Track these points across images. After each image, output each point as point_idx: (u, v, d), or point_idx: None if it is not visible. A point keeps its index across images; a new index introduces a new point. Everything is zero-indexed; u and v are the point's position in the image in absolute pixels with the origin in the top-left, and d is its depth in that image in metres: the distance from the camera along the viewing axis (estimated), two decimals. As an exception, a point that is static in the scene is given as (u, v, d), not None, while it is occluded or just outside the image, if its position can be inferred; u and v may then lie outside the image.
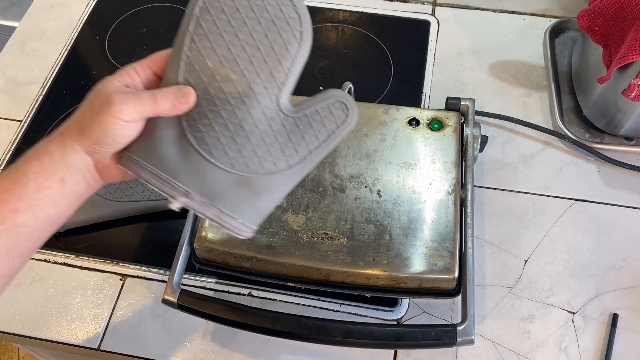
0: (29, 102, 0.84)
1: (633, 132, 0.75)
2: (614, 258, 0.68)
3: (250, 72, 0.46)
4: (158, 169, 0.46)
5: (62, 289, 0.67)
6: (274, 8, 0.45)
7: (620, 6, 0.66)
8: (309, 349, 0.63)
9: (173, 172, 0.46)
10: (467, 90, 0.82)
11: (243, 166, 0.46)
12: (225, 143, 0.46)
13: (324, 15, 0.92)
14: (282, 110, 0.47)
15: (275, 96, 0.46)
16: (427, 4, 0.92)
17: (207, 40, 0.46)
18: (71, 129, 0.45)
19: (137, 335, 0.64)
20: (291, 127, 0.47)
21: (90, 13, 0.94)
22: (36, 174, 0.44)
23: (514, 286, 0.66)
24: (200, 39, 0.46)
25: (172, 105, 0.45)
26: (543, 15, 0.90)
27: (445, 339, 0.55)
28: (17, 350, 1.58)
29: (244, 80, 0.46)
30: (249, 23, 0.46)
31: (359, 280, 0.58)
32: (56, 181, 0.44)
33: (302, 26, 0.46)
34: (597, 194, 0.72)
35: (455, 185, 0.62)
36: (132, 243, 0.71)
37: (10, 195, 0.43)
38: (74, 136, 0.45)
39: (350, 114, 0.47)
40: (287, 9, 0.45)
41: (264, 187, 0.47)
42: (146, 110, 0.44)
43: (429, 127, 0.66)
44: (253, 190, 0.47)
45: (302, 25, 0.46)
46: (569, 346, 0.62)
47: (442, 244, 0.58)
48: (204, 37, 0.46)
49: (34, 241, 0.45)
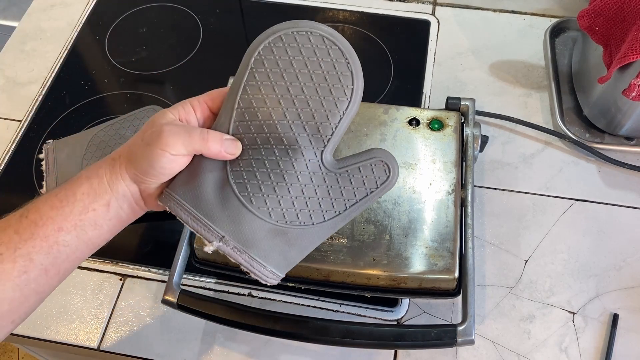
0: (28, 102, 0.84)
1: (633, 132, 0.74)
2: (614, 258, 0.68)
3: (297, 126, 0.46)
4: (197, 210, 0.46)
5: (62, 289, 0.67)
6: (327, 64, 0.46)
7: (621, 6, 0.66)
8: (309, 349, 0.62)
9: (211, 216, 0.47)
10: (467, 90, 0.82)
11: (280, 216, 0.47)
12: (265, 192, 0.47)
13: (324, 15, 0.92)
14: (324, 165, 0.47)
15: (320, 150, 0.46)
16: (427, 4, 0.92)
17: (259, 92, 0.46)
18: (122, 155, 0.46)
19: (136, 335, 0.64)
20: (331, 182, 0.47)
21: (89, 13, 0.94)
22: (84, 195, 0.45)
23: (514, 286, 0.66)
24: (253, 90, 0.46)
25: (219, 151, 0.45)
26: (543, 15, 0.90)
27: (445, 339, 0.55)
28: (16, 351, 1.58)
29: (290, 134, 0.46)
30: (302, 78, 0.46)
31: (359, 280, 0.58)
32: (102, 204, 0.45)
33: (354, 84, 0.46)
34: (598, 194, 0.72)
35: (455, 185, 0.62)
36: (132, 243, 0.71)
37: (57, 213, 0.44)
38: (123, 163, 0.46)
39: (391, 176, 0.47)
40: (341, 66, 0.46)
41: (297, 238, 0.48)
42: (195, 147, 0.45)
43: (429, 127, 0.66)
44: (286, 240, 0.47)
45: (354, 83, 0.46)
46: (569, 346, 0.62)
47: (442, 244, 0.58)
48: (257, 88, 0.46)
49: (71, 261, 0.46)
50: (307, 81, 0.46)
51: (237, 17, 0.93)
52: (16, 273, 0.42)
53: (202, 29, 0.91)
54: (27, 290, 0.43)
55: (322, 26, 0.46)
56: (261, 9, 0.93)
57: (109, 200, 0.46)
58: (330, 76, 0.46)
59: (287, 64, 0.46)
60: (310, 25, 0.46)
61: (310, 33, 0.45)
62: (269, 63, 0.46)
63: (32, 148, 0.79)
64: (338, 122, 0.46)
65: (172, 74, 0.87)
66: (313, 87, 0.46)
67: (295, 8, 0.93)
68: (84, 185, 0.45)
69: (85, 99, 0.84)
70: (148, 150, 0.44)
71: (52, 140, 0.75)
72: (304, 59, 0.46)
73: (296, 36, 0.46)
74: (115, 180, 0.46)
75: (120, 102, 0.84)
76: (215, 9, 0.94)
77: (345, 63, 0.46)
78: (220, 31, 0.91)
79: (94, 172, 0.46)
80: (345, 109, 0.46)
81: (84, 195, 0.45)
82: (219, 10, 0.93)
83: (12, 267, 0.42)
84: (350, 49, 0.46)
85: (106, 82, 0.86)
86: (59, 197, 0.45)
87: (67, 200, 0.44)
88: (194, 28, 0.92)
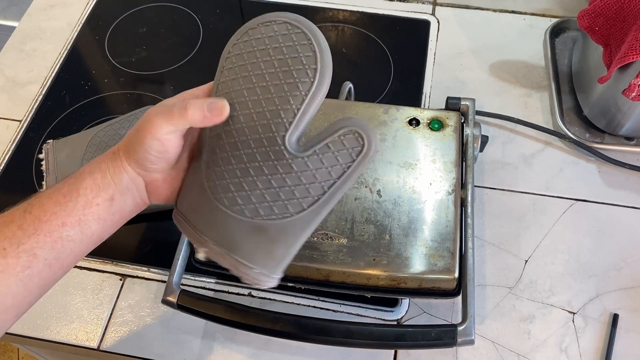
0: (28, 101, 0.84)
1: (633, 132, 0.74)
2: (615, 258, 0.68)
3: (260, 115, 0.45)
4: (187, 217, 0.47)
5: (62, 289, 0.67)
6: (290, 48, 0.44)
7: (621, 6, 0.66)
8: (309, 349, 0.62)
9: (196, 221, 0.46)
10: (468, 90, 0.82)
11: (254, 212, 0.45)
12: (235, 190, 0.45)
13: (324, 15, 0.92)
14: (288, 150, 0.44)
15: (282, 135, 0.44)
16: (427, 4, 0.92)
17: (228, 88, 0.46)
18: (121, 148, 0.47)
19: (136, 335, 0.64)
20: (300, 167, 0.44)
21: (89, 13, 0.94)
22: (87, 190, 0.45)
23: (514, 286, 0.66)
24: (224, 87, 0.46)
25: (204, 116, 0.44)
26: (543, 15, 0.90)
27: (445, 339, 0.55)
28: (16, 351, 1.58)
29: (253, 123, 0.45)
30: (264, 66, 0.45)
31: (359, 280, 0.58)
32: (106, 199, 0.46)
33: (317, 63, 0.44)
34: (598, 194, 0.72)
35: (455, 185, 0.61)
36: (132, 243, 0.71)
37: (61, 208, 0.44)
38: (123, 156, 0.46)
39: (367, 143, 0.43)
40: (304, 48, 0.44)
41: (279, 232, 0.45)
42: (177, 121, 0.44)
43: (429, 127, 0.66)
44: (268, 237, 0.45)
45: (317, 62, 0.44)
46: (569, 346, 0.62)
47: (443, 244, 0.58)
48: (226, 85, 0.46)
49: (75, 255, 0.46)
50: (270, 68, 0.45)
51: (237, 17, 0.93)
52: (20, 268, 0.43)
53: (202, 29, 0.91)
54: (30, 285, 0.44)
55: (286, 14, 0.45)
56: (261, 9, 0.93)
57: (112, 194, 0.46)
58: (293, 59, 0.44)
59: (252, 56, 0.45)
60: (275, 15, 0.45)
61: (274, 22, 0.45)
62: (236, 59, 0.46)
63: (32, 148, 0.79)
64: (300, 103, 0.44)
65: (172, 74, 0.86)
66: (275, 73, 0.44)
67: (295, 8, 0.93)
68: (87, 180, 0.45)
69: (85, 99, 0.84)
70: (140, 135, 0.44)
71: (52, 140, 0.75)
72: (267, 48, 0.45)
73: (262, 28, 0.45)
74: (118, 174, 0.46)
75: (120, 102, 0.84)
76: (215, 9, 0.94)
77: (308, 44, 0.44)
78: (220, 31, 0.91)
79: (96, 167, 0.46)
80: (309, 89, 0.44)
81: (87, 190, 0.45)
82: (219, 10, 0.93)
83: (16, 262, 0.42)
84: (314, 30, 0.44)
85: (106, 82, 0.86)
86: (62, 192, 0.45)
87: (71, 195, 0.45)
88: (194, 28, 0.92)
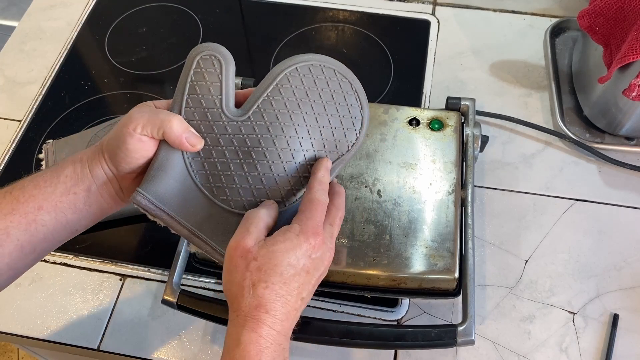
0: (28, 101, 0.84)
1: (633, 132, 0.74)
2: (615, 258, 0.68)
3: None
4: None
5: (62, 289, 0.67)
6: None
7: (621, 6, 0.66)
8: (309, 349, 0.62)
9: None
10: (468, 90, 0.82)
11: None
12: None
13: (324, 15, 0.92)
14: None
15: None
16: (427, 4, 0.92)
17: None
18: (104, 142, 0.47)
19: (136, 335, 0.64)
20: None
21: (89, 13, 0.94)
22: (67, 178, 0.46)
23: (515, 286, 0.66)
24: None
25: (180, 134, 0.46)
26: (543, 14, 0.90)
27: (445, 340, 0.55)
28: (16, 351, 1.58)
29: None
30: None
31: (359, 280, 0.58)
32: (83, 189, 0.46)
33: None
34: (598, 194, 0.72)
35: (455, 185, 0.61)
36: (132, 243, 0.71)
37: (40, 192, 0.45)
38: (103, 150, 0.47)
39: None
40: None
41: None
42: (158, 127, 0.45)
43: (429, 127, 0.66)
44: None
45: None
46: (570, 346, 0.62)
47: (443, 244, 0.58)
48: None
49: (49, 242, 0.46)
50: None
51: (237, 17, 0.93)
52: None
53: (202, 29, 0.91)
54: (1, 264, 0.44)
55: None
56: (261, 9, 0.93)
57: (89, 186, 0.46)
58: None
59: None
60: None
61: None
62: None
63: (32, 148, 0.79)
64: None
65: (172, 74, 0.86)
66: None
67: (296, 8, 0.93)
68: (69, 168, 0.46)
69: (85, 99, 0.84)
70: (118, 131, 0.45)
71: (52, 140, 0.75)
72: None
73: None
74: (94, 167, 0.46)
75: (120, 102, 0.84)
76: (215, 9, 0.93)
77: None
78: (220, 31, 0.91)
79: (78, 157, 0.47)
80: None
81: (67, 178, 0.46)
82: (219, 10, 0.93)
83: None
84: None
85: (106, 82, 0.86)
86: (44, 177, 0.46)
87: (51, 180, 0.46)
88: (194, 28, 0.91)
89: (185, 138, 0.46)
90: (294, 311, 0.43)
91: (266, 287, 0.41)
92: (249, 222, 0.44)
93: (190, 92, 0.48)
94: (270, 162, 0.48)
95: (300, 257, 0.43)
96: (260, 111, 0.48)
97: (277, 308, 0.42)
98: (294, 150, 0.48)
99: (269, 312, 0.41)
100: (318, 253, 0.44)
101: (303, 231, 0.43)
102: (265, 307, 0.41)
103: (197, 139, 0.47)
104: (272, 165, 0.48)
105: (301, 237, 0.43)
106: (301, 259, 0.43)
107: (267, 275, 0.42)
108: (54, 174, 0.46)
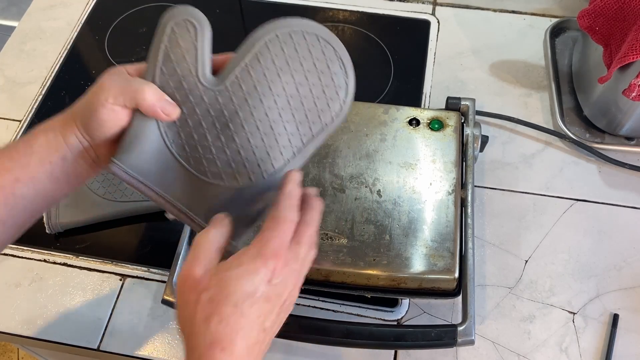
0: (28, 102, 0.83)
1: (633, 132, 0.74)
2: (615, 258, 0.68)
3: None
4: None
5: (62, 289, 0.67)
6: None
7: (621, 6, 0.66)
8: (309, 349, 0.62)
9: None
10: (468, 90, 0.82)
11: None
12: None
13: (324, 15, 0.92)
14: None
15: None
16: (427, 4, 0.92)
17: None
18: (74, 110, 0.46)
19: (136, 335, 0.64)
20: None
21: (89, 13, 0.94)
22: (41, 148, 0.44)
23: (515, 286, 0.66)
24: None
25: (153, 104, 0.44)
26: (543, 15, 0.90)
27: (445, 340, 0.55)
28: (16, 351, 1.58)
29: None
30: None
31: (359, 280, 0.58)
32: (59, 158, 0.45)
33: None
34: (598, 194, 0.72)
35: (455, 185, 0.61)
36: (132, 243, 0.71)
37: (15, 165, 0.44)
38: (76, 118, 0.45)
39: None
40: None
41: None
42: (130, 97, 0.43)
43: (429, 127, 0.66)
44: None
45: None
46: (570, 346, 0.62)
47: (443, 244, 0.58)
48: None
49: (29, 213, 0.46)
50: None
51: (237, 17, 0.93)
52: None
53: (202, 29, 0.91)
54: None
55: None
56: (261, 9, 0.93)
57: (64, 154, 0.45)
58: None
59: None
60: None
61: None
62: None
63: (32, 148, 0.79)
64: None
65: (172, 74, 0.86)
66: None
67: (296, 8, 0.93)
68: (41, 138, 0.45)
69: (85, 99, 0.83)
70: (89, 100, 0.44)
71: (52, 140, 0.75)
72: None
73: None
74: (68, 135, 0.45)
75: (120, 102, 0.84)
76: (215, 9, 0.93)
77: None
78: (220, 31, 0.91)
79: (50, 126, 0.46)
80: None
81: (41, 148, 0.44)
82: (219, 10, 0.93)
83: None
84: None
85: (106, 82, 0.86)
86: (17, 148, 0.45)
87: (25, 151, 0.44)
88: (194, 28, 0.91)
89: (160, 107, 0.44)
90: (257, 345, 0.39)
91: (220, 321, 0.37)
92: (197, 248, 0.40)
93: (165, 60, 0.45)
94: (248, 133, 0.46)
95: (257, 284, 0.38)
96: (238, 81, 0.46)
97: (236, 343, 0.37)
98: (273, 122, 0.46)
99: (225, 349, 0.37)
100: (279, 278, 0.39)
101: (261, 254, 0.39)
102: (221, 343, 0.37)
103: (172, 107, 0.45)
104: (250, 136, 0.46)
105: (258, 260, 0.39)
106: (259, 285, 0.38)
107: (219, 307, 0.37)
108: (27, 144, 0.45)
